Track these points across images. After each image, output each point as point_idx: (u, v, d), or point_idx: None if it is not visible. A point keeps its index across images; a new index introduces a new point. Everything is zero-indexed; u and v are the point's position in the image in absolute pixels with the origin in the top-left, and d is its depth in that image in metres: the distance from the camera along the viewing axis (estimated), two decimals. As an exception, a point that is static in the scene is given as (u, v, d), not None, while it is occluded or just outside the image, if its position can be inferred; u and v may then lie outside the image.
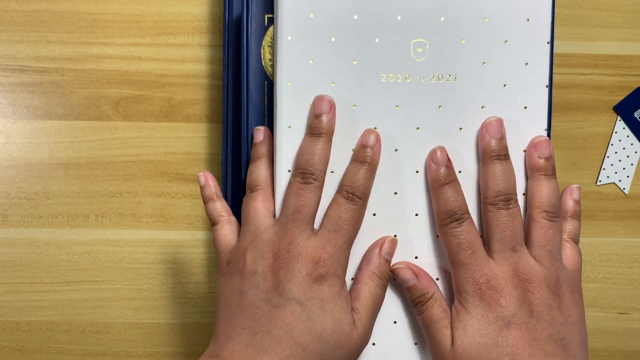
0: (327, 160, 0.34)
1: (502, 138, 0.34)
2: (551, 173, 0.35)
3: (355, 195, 0.34)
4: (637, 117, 0.45)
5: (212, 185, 0.37)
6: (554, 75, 0.43)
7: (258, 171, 0.36)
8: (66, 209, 0.44)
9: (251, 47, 0.38)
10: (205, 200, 0.37)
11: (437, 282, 0.36)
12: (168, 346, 0.45)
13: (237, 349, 0.31)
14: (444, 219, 0.34)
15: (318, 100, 0.34)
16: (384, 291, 0.35)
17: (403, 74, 0.35)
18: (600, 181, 0.45)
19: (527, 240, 0.34)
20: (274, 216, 0.35)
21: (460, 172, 0.36)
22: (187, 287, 0.45)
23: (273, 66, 0.36)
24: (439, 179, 0.34)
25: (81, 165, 0.44)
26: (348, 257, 0.34)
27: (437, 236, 0.36)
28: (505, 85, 0.36)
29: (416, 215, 0.36)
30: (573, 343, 0.32)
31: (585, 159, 0.45)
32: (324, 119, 0.34)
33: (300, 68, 0.35)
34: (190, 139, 0.44)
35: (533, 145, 0.35)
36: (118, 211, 0.44)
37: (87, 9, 0.44)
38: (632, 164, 0.45)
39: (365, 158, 0.34)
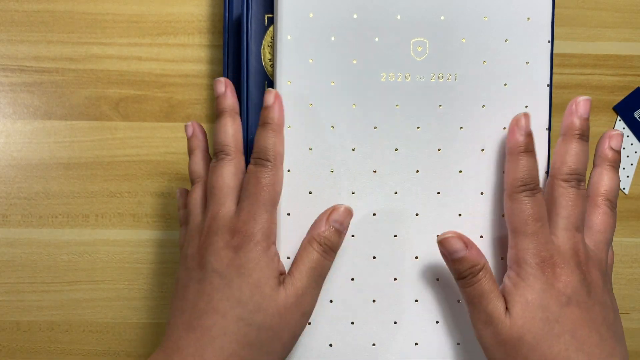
0: (239, 135, 0.35)
1: (587, 119, 0.34)
2: (617, 166, 0.35)
3: (263, 159, 0.33)
4: (637, 117, 0.45)
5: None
6: (554, 75, 0.43)
7: (195, 165, 0.37)
8: (66, 209, 0.44)
9: (251, 47, 0.38)
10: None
11: (437, 281, 0.36)
12: (168, 346, 0.45)
13: (173, 332, 0.32)
14: (518, 186, 0.33)
15: (216, 82, 0.35)
16: (327, 259, 0.34)
17: (403, 73, 0.35)
18: (600, 181, 0.45)
19: (586, 224, 0.34)
20: None
21: (461, 171, 0.36)
22: (187, 287, 0.45)
23: (273, 66, 0.36)
24: (519, 145, 0.33)
25: (81, 165, 0.44)
26: (271, 221, 0.33)
27: (437, 235, 0.36)
28: (505, 84, 0.36)
29: (416, 215, 0.36)
30: (618, 333, 0.32)
31: (585, 159, 0.45)
32: (226, 97, 0.35)
33: (300, 67, 0.35)
34: (190, 139, 0.44)
35: (608, 137, 0.35)
36: (118, 211, 0.44)
37: (87, 9, 0.44)
38: (632, 164, 0.45)
39: (267, 119, 0.34)
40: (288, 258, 0.35)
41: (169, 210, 0.44)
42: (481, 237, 0.36)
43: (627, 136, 0.45)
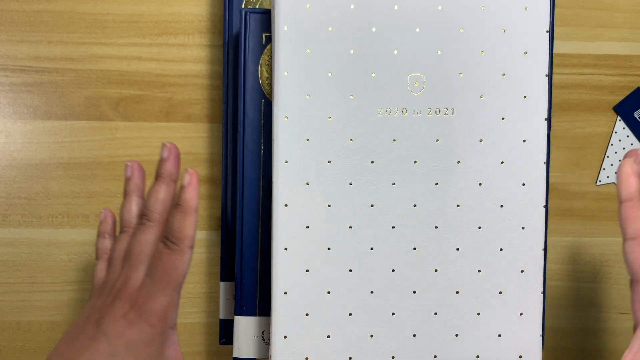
0: (167, 204, 0.34)
1: None
2: None
3: (172, 241, 0.32)
4: (637, 117, 0.45)
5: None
6: (554, 75, 0.43)
7: (126, 213, 0.36)
8: (66, 209, 0.44)
9: (248, 65, 0.38)
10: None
11: (435, 316, 0.36)
12: (168, 346, 0.45)
13: None
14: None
15: (162, 147, 0.34)
16: None
17: (400, 108, 0.35)
18: (600, 181, 0.45)
19: None
20: None
21: (458, 205, 0.36)
22: (187, 287, 0.45)
23: (271, 94, 0.36)
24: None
25: (81, 165, 0.44)
26: (171, 303, 0.32)
27: (436, 269, 0.36)
28: (503, 118, 0.36)
29: (414, 249, 0.36)
30: None
31: (585, 159, 0.45)
32: (167, 162, 0.34)
33: (297, 103, 0.35)
34: (190, 139, 0.44)
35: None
36: (118, 211, 0.44)
37: (87, 9, 0.44)
38: (632, 164, 0.45)
39: (181, 201, 0.33)
40: (285, 293, 0.35)
41: (169, 210, 0.44)
42: (479, 271, 0.36)
43: (627, 136, 0.45)
